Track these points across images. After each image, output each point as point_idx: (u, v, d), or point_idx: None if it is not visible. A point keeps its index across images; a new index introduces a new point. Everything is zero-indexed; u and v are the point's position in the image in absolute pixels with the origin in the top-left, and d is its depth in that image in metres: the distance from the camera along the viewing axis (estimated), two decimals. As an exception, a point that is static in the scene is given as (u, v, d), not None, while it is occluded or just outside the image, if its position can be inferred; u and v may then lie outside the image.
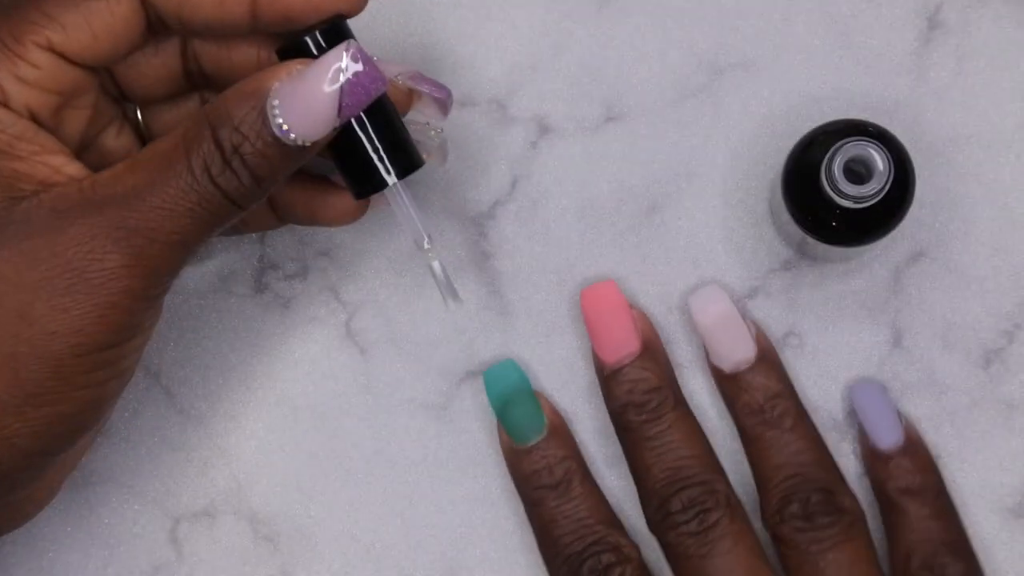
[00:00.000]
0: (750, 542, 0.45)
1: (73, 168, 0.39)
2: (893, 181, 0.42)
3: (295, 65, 0.40)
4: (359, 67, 0.39)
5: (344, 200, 0.45)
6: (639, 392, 0.46)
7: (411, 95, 0.44)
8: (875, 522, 0.47)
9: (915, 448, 0.47)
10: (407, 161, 0.42)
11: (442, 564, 0.49)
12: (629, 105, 0.50)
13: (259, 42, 0.43)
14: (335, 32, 0.41)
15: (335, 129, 0.40)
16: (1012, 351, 0.48)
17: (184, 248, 0.39)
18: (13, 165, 0.38)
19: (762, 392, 0.46)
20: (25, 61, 0.38)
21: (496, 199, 0.50)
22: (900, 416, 0.47)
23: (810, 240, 0.45)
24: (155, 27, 0.41)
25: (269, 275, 0.50)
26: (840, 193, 0.42)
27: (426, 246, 0.43)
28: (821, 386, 0.48)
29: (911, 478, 0.46)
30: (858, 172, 0.43)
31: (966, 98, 0.49)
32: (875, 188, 0.42)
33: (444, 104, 0.44)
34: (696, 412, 0.48)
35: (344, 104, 0.39)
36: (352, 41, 0.40)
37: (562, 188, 0.50)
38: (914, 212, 0.48)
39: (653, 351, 0.47)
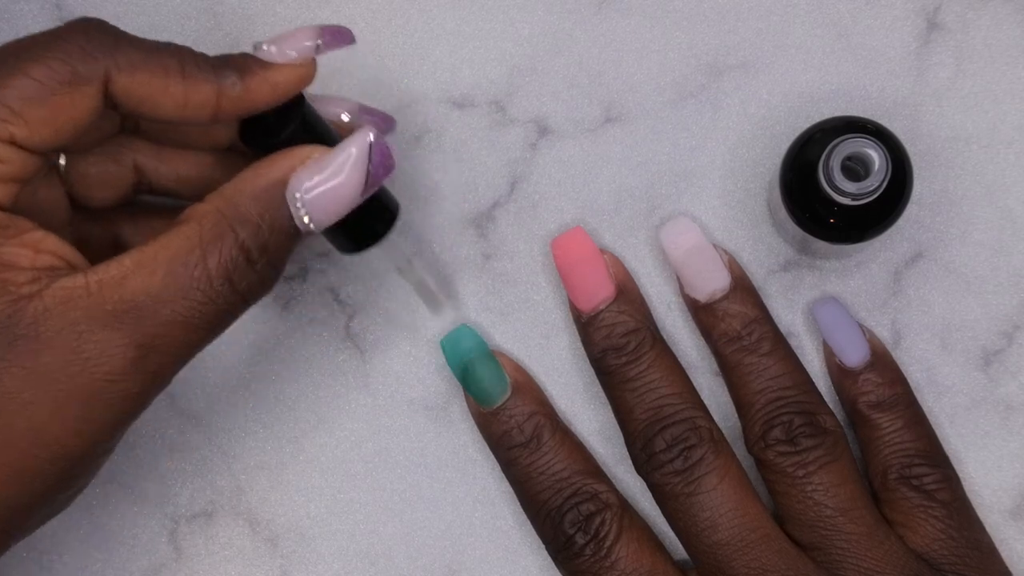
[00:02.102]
0: (736, 475, 0.45)
1: (51, 241, 0.38)
2: (891, 178, 0.42)
3: (309, 152, 0.39)
4: (380, 151, 0.39)
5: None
6: (616, 336, 0.47)
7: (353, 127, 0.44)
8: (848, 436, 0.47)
9: (882, 361, 0.47)
10: (393, 209, 0.43)
11: (442, 564, 0.49)
12: (628, 106, 0.50)
13: None
14: (296, 105, 0.41)
15: None
16: (1011, 352, 0.48)
17: (194, 354, 0.39)
18: None
19: (739, 319, 0.47)
20: None
21: (496, 200, 0.50)
22: (864, 331, 0.47)
23: (808, 236, 0.45)
24: (108, 108, 0.40)
25: (269, 275, 0.50)
26: (837, 190, 0.42)
27: (407, 269, 0.45)
28: (821, 388, 0.48)
29: (880, 392, 0.46)
30: (855, 169, 0.43)
31: (966, 98, 0.49)
32: (873, 185, 0.42)
33: (387, 134, 0.45)
34: (676, 349, 0.48)
35: (366, 189, 0.39)
36: (370, 128, 0.39)
37: (561, 189, 0.50)
38: (913, 213, 0.48)
39: (628, 293, 0.48)
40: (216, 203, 0.39)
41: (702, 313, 0.47)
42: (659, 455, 0.45)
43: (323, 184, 0.39)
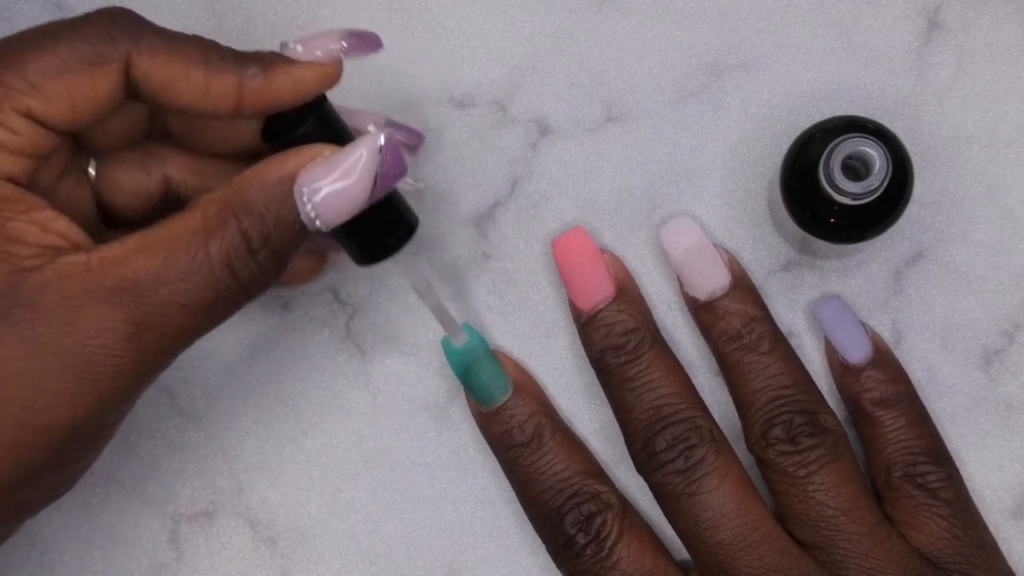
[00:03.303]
0: (737, 475, 0.45)
1: (61, 224, 0.38)
2: (891, 177, 0.42)
3: (320, 150, 0.39)
4: (391, 154, 0.39)
5: (307, 262, 0.46)
6: (616, 335, 0.47)
7: None
8: (850, 433, 0.47)
9: (884, 358, 0.47)
10: (409, 223, 0.42)
11: (442, 564, 0.49)
12: (629, 105, 0.50)
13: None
14: (317, 104, 0.41)
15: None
16: (1012, 352, 0.48)
17: (192, 340, 0.39)
18: (4, 231, 0.37)
19: (738, 317, 0.47)
20: (4, 127, 0.38)
21: (496, 200, 0.50)
22: (867, 328, 0.47)
23: (809, 236, 0.45)
24: (131, 97, 0.40)
25: (269, 275, 0.50)
26: (838, 190, 0.42)
27: (426, 292, 0.45)
28: (821, 387, 0.48)
29: (883, 389, 0.46)
30: (856, 169, 0.43)
31: (966, 98, 0.49)
32: (873, 185, 0.42)
33: (416, 149, 0.45)
34: (675, 348, 0.48)
35: (375, 191, 0.39)
36: (381, 132, 0.39)
37: (562, 189, 0.50)
38: (914, 212, 0.48)
39: (627, 293, 0.48)
40: (223, 192, 0.39)
41: (702, 312, 0.47)
42: (659, 455, 0.45)
43: (331, 183, 0.39)
